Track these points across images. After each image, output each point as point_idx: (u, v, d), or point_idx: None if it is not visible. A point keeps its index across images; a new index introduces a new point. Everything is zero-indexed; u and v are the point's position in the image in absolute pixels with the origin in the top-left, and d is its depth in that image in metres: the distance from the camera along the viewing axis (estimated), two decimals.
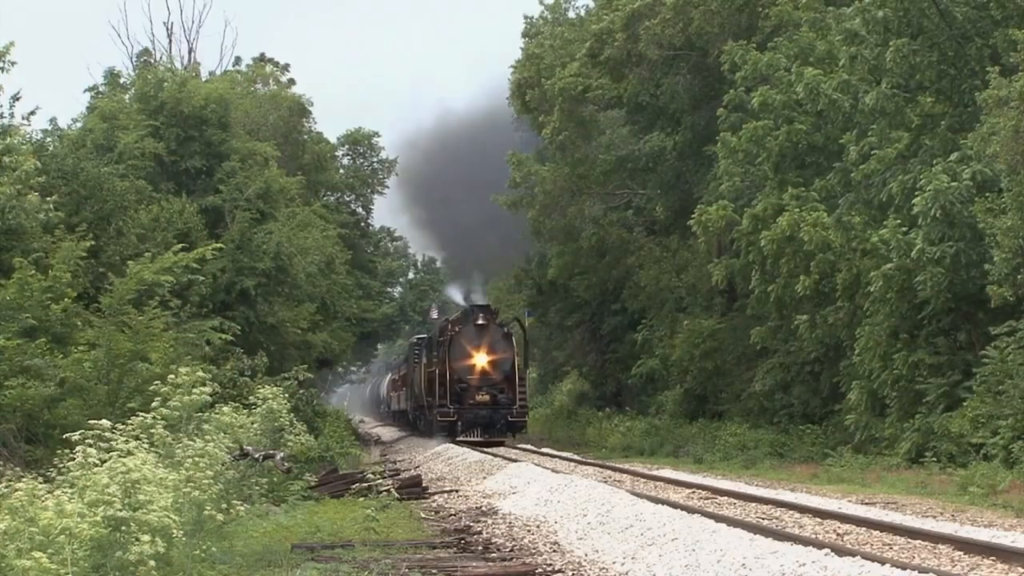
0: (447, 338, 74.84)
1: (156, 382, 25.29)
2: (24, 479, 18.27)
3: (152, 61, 75.56)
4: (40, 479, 18.42)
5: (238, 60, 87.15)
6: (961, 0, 46.57)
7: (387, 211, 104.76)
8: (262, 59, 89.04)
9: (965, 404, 43.65)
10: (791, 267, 53.22)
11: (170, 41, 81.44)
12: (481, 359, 74.30)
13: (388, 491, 33.95)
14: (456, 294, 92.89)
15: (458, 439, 70.41)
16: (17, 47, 39.31)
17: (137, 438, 19.66)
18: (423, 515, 32.06)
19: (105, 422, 19.07)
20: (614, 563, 20.83)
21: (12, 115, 42.65)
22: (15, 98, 42.33)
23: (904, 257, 45.99)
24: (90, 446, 18.02)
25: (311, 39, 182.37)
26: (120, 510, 16.28)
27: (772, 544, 19.99)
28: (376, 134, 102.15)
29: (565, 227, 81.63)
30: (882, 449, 47.54)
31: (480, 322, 75.05)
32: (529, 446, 64.50)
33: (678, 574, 18.92)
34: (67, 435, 19.20)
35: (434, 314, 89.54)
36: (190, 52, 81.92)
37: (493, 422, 72.90)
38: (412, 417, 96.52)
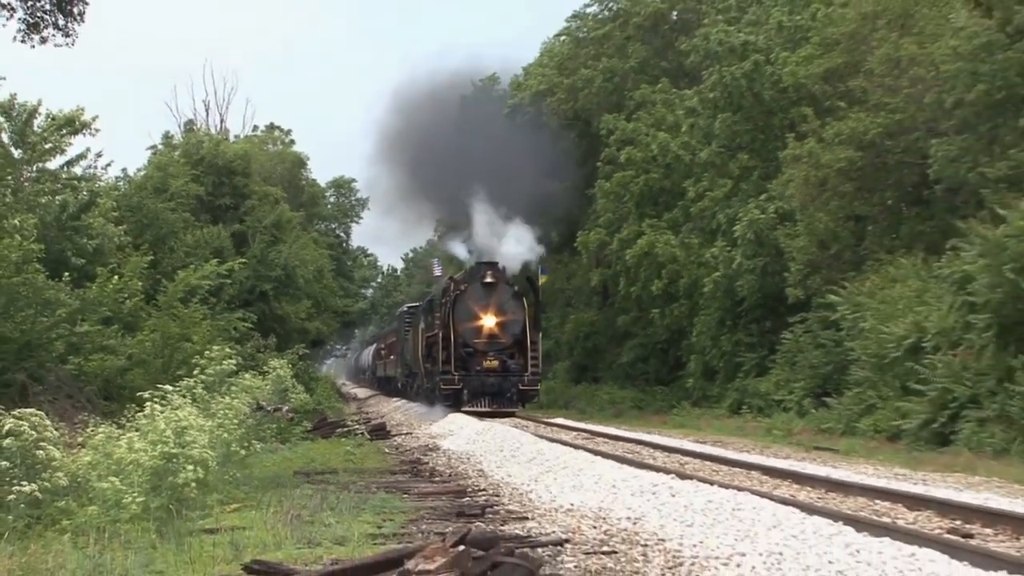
0: (451, 298, 50.77)
1: (197, 356, 25.36)
2: (103, 426, 18.28)
3: (195, 128, 75.18)
4: (114, 426, 18.38)
5: (256, 127, 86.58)
6: (768, 86, 46.90)
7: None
8: (272, 127, 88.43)
9: (770, 372, 44.17)
10: (647, 274, 53.96)
11: (207, 113, 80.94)
12: (489, 321, 50.13)
13: (362, 434, 34.02)
14: (460, 249, 60.94)
15: (464, 409, 47.54)
16: (100, 119, 39.93)
17: (183, 396, 19.66)
18: (387, 450, 31.89)
19: (168, 387, 19.16)
20: (522, 484, 20.83)
21: (96, 167, 43.09)
22: (98, 155, 42.84)
23: (728, 268, 46.74)
24: (155, 402, 18.07)
25: (308, 101, 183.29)
26: (172, 448, 16.29)
27: (635, 471, 20.04)
28: (354, 180, 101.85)
29: None
30: (712, 404, 48.03)
31: (488, 280, 50.39)
32: None
33: (568, 491, 18.94)
34: (138, 394, 19.24)
35: (437, 271, 62.80)
36: (221, 121, 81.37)
37: (503, 391, 49.06)
38: (401, 384, 71.50)
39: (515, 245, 51.93)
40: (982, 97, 34.21)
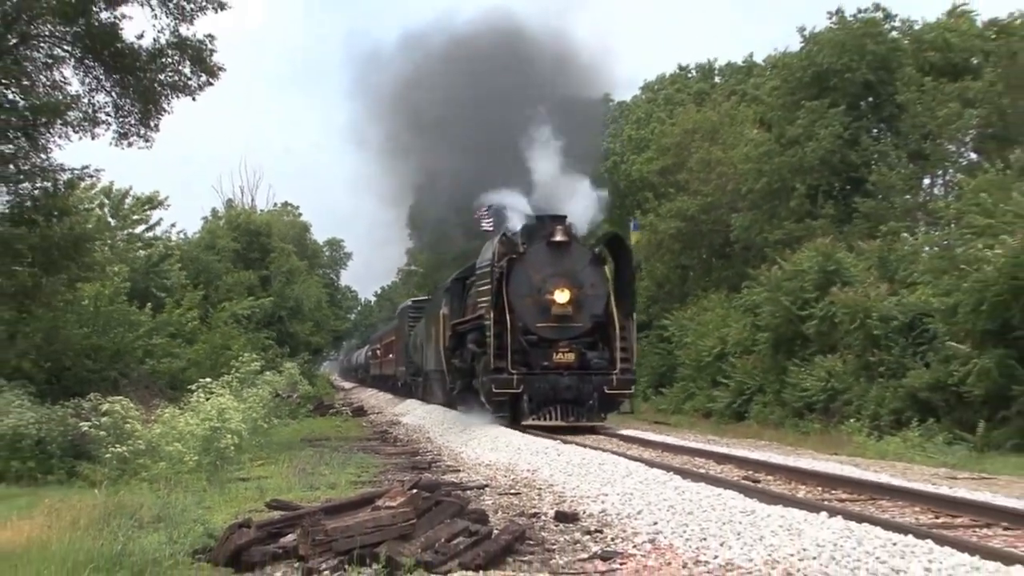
0: (503, 267, 22.86)
1: (234, 360, 25.17)
2: (169, 408, 18.20)
3: (233, 204, 74.28)
4: (177, 408, 18.28)
5: (275, 204, 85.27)
6: (622, 178, 47.34)
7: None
8: (286, 204, 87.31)
9: None
10: None
11: (242, 194, 79.49)
12: (560, 296, 22.42)
13: (347, 413, 33.83)
14: (517, 199, 25.24)
15: (525, 423, 22.03)
16: (170, 197, 41.19)
17: (224, 387, 19.54)
18: (364, 425, 31.76)
19: (211, 381, 19.04)
20: (456, 447, 20.78)
21: (172, 233, 43.82)
22: (172, 226, 44.35)
23: None
24: (203, 391, 18.02)
25: (313, 178, 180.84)
26: (216, 423, 16.25)
27: (532, 438, 19.96)
28: (343, 240, 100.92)
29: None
30: None
31: (557, 239, 22.81)
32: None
33: (487, 451, 18.91)
34: (189, 387, 19.25)
35: (486, 225, 27.38)
36: (252, 200, 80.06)
37: (582, 397, 22.18)
38: (403, 383, 46.37)
39: (584, 193, 25.15)
40: (765, 187, 35.02)
